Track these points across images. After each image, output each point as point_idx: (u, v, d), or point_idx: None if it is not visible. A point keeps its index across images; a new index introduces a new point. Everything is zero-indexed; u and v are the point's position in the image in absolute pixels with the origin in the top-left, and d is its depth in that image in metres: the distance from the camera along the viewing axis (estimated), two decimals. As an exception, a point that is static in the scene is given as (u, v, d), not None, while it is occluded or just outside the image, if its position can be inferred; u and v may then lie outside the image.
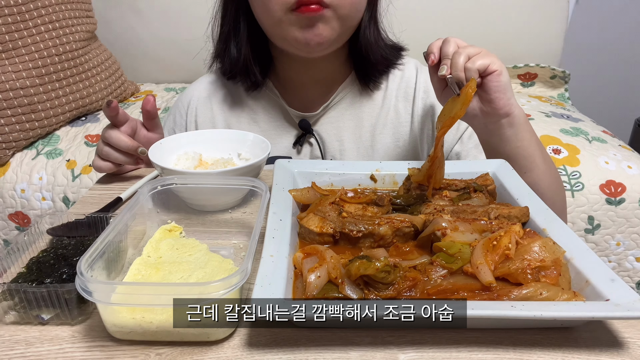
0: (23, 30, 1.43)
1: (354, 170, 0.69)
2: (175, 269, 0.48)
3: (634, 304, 0.41)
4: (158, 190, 0.58)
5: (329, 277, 0.46)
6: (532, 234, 0.51)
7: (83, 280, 0.41)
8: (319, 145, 0.93)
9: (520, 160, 0.75)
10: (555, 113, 1.66)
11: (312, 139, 0.94)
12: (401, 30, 0.96)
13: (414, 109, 0.94)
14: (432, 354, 0.43)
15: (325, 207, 0.57)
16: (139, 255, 0.51)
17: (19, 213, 1.46)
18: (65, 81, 1.54)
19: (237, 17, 0.87)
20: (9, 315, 0.47)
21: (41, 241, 0.56)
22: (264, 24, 0.82)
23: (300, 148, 0.94)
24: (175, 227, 0.57)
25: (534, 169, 0.76)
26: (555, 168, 0.81)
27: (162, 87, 1.98)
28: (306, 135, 0.94)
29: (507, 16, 1.88)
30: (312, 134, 0.93)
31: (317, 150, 0.94)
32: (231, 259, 0.52)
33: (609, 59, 2.40)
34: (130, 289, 0.43)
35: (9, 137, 1.43)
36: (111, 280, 0.49)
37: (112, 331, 0.44)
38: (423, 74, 0.95)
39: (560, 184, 0.82)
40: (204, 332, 0.44)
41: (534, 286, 0.45)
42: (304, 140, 0.94)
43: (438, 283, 0.46)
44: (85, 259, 0.43)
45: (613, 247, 1.37)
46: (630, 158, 1.41)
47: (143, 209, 0.56)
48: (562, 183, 0.83)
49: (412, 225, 0.55)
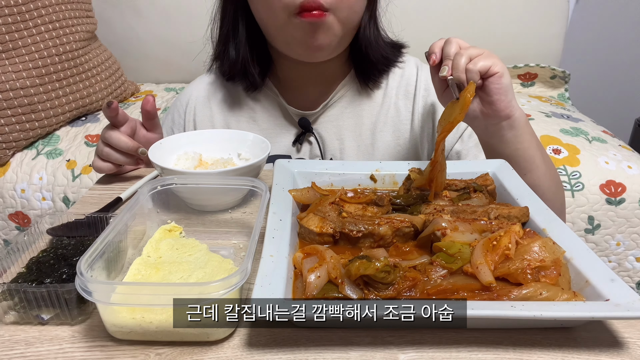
0: (23, 30, 1.43)
1: (353, 170, 0.69)
2: (175, 269, 0.48)
3: (634, 304, 0.41)
4: (158, 190, 0.58)
5: (328, 277, 0.46)
6: (532, 234, 0.51)
7: (83, 280, 0.41)
8: (318, 144, 0.93)
9: (521, 162, 0.75)
10: (555, 113, 1.66)
11: (311, 138, 0.94)
12: (401, 29, 0.96)
13: (414, 107, 0.94)
14: (432, 354, 0.43)
15: (325, 207, 0.57)
16: (139, 255, 0.51)
17: (19, 213, 1.46)
18: (65, 81, 1.54)
19: (236, 18, 0.87)
20: (8, 315, 0.47)
21: (41, 241, 0.56)
22: (268, 28, 0.83)
23: (300, 146, 0.94)
24: (175, 227, 0.57)
25: (534, 171, 0.76)
26: (554, 169, 0.81)
27: (162, 87, 1.98)
28: (306, 134, 0.94)
29: (507, 16, 1.88)
30: (311, 132, 0.93)
31: (317, 149, 0.94)
32: (231, 259, 0.52)
33: (609, 59, 2.40)
34: (130, 289, 0.43)
35: (9, 137, 1.43)
36: (111, 280, 0.49)
37: (112, 331, 0.44)
38: (424, 72, 0.95)
39: (560, 185, 0.82)
40: (204, 332, 0.44)
41: (533, 286, 0.45)
42: (304, 139, 0.94)
43: (438, 283, 0.46)
44: (85, 259, 0.43)
45: (613, 247, 1.37)
46: (630, 158, 1.41)
47: (143, 209, 0.56)
48: (561, 184, 0.83)
49: (412, 225, 0.55)
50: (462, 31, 1.86)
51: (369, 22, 0.87)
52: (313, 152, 0.94)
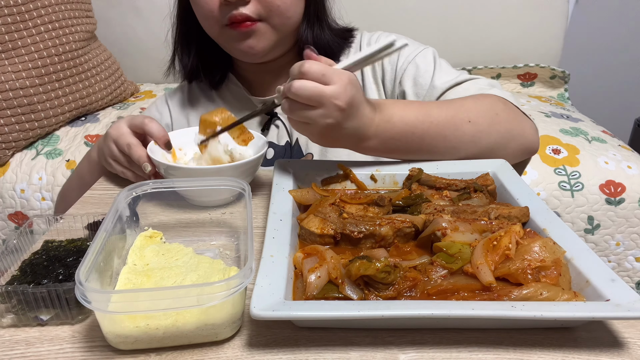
0: (23, 30, 1.43)
1: (353, 171, 0.69)
2: (166, 274, 0.48)
3: (634, 304, 0.41)
4: (134, 197, 0.56)
5: (329, 278, 0.46)
6: (532, 234, 0.51)
7: (82, 290, 0.39)
8: (285, 126, 0.96)
9: (416, 134, 0.68)
10: (555, 113, 1.66)
11: (277, 122, 0.97)
12: (351, 21, 0.98)
13: (377, 74, 0.93)
14: (432, 354, 0.43)
15: (325, 208, 0.57)
16: (124, 264, 0.50)
17: (18, 213, 1.46)
18: (65, 81, 1.54)
19: (190, 26, 0.92)
20: (6, 318, 0.46)
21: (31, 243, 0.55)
22: (209, 34, 0.87)
23: (267, 132, 0.97)
24: (155, 234, 0.56)
25: (432, 127, 0.69)
26: (467, 108, 0.72)
27: (161, 87, 1.98)
28: (272, 119, 0.97)
29: (507, 16, 1.88)
30: (276, 116, 0.96)
31: (284, 131, 0.96)
32: (221, 260, 0.51)
33: (609, 59, 2.40)
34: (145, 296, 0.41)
35: (9, 137, 1.43)
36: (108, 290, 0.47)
37: (115, 342, 0.43)
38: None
39: (492, 109, 0.73)
40: (213, 332, 0.43)
41: (534, 286, 0.45)
42: (271, 123, 0.97)
43: (438, 283, 0.46)
44: (83, 269, 0.41)
45: (613, 247, 1.37)
46: (630, 158, 1.41)
47: (122, 216, 0.55)
48: (490, 106, 0.74)
49: (412, 226, 0.55)
50: (462, 31, 1.85)
51: (308, 25, 0.88)
52: (280, 134, 0.96)
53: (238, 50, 0.84)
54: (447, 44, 1.84)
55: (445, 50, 1.84)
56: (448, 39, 1.85)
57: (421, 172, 0.66)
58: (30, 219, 0.56)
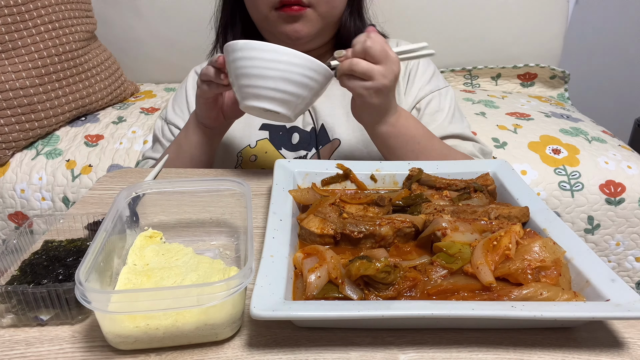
0: (23, 31, 1.43)
1: (354, 171, 0.69)
2: (166, 274, 0.47)
3: (635, 304, 0.41)
4: (134, 197, 0.56)
5: (329, 278, 0.46)
6: (532, 234, 0.51)
7: (82, 290, 0.39)
8: (310, 112, 0.99)
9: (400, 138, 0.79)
10: (555, 113, 1.66)
11: None
12: (384, 21, 1.04)
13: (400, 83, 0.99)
14: (432, 354, 0.43)
15: (325, 208, 0.57)
16: (124, 264, 0.50)
17: (18, 213, 1.45)
18: (65, 81, 1.54)
19: (234, 10, 0.97)
20: (5, 318, 0.46)
21: (31, 243, 0.55)
22: (254, 19, 0.93)
23: None
24: (155, 234, 0.56)
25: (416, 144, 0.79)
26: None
27: (161, 87, 1.98)
28: None
29: (507, 16, 1.88)
30: None
31: (309, 117, 0.99)
32: (221, 260, 0.51)
33: (609, 59, 2.40)
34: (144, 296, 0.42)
35: (9, 137, 1.43)
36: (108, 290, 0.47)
37: (115, 343, 0.43)
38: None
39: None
40: (214, 332, 0.43)
41: (534, 286, 0.45)
42: None
43: (438, 283, 0.46)
44: (83, 270, 0.41)
45: (613, 247, 1.37)
46: (630, 158, 1.41)
47: (122, 216, 0.55)
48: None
49: (412, 226, 0.55)
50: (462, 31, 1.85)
51: (350, 17, 0.94)
52: (306, 120, 1.00)
53: (283, 34, 0.88)
54: (447, 44, 1.84)
55: (445, 50, 1.85)
56: (448, 39, 1.85)
57: (421, 172, 0.66)
58: (30, 219, 0.56)
